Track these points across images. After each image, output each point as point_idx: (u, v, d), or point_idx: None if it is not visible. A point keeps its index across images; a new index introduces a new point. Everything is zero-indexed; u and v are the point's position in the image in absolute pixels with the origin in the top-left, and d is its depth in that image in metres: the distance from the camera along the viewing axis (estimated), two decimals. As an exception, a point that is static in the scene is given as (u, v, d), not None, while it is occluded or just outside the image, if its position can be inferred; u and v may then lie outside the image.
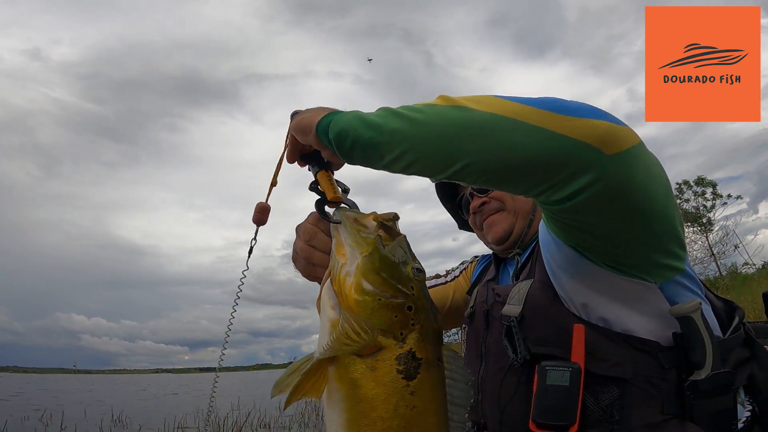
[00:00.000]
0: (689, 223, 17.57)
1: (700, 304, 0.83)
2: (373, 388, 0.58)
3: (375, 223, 0.64)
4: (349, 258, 0.62)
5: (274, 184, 0.90)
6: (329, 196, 0.77)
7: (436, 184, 1.33)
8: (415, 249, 0.69)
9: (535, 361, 0.88)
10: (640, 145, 0.70)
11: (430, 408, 0.60)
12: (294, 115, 0.83)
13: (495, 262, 1.26)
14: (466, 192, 1.29)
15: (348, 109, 0.75)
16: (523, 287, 0.98)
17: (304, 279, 0.81)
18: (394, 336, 0.59)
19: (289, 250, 0.85)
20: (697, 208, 18.82)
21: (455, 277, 1.46)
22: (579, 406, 0.80)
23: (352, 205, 0.79)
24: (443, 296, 1.39)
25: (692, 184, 19.19)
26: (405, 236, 0.66)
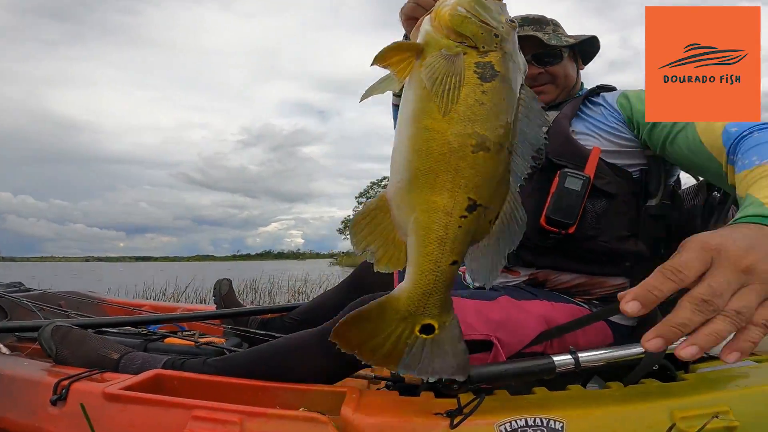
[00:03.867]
0: None
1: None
2: None
3: None
4: None
5: None
6: None
7: None
8: (381, 151, 0.52)
9: (551, 170, 1.06)
10: None
11: (497, 112, 0.62)
12: None
13: None
14: None
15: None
16: (550, 114, 1.17)
17: (259, 166, 0.80)
18: (476, 46, 0.63)
19: (245, 137, 0.77)
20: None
21: None
22: (581, 211, 1.01)
23: None
24: None
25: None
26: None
